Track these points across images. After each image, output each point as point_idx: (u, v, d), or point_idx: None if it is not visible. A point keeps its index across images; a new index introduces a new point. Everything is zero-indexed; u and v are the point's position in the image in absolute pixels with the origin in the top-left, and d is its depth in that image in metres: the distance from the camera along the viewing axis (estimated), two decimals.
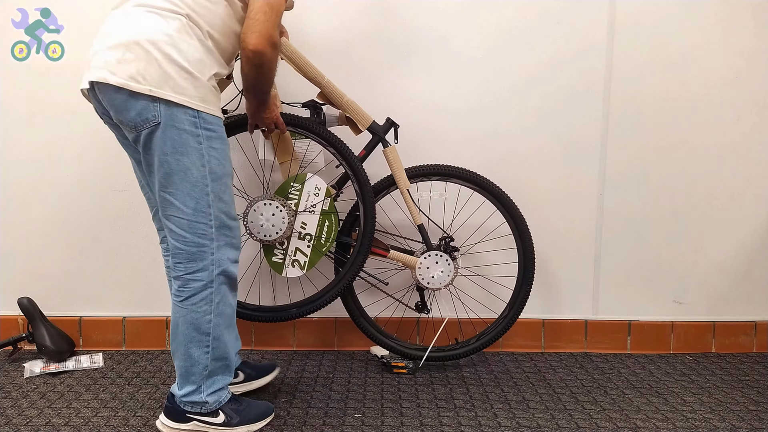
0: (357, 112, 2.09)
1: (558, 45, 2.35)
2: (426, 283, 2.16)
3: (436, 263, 2.14)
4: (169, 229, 1.62)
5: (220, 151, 1.61)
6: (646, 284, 2.47)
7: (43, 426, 1.80)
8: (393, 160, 2.11)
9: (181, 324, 1.65)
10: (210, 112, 1.58)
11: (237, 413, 1.74)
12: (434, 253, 2.14)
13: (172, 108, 1.52)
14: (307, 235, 2.06)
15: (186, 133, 1.54)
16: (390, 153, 2.11)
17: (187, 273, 1.63)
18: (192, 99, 1.54)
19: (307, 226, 2.06)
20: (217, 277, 1.64)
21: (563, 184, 2.42)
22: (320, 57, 2.26)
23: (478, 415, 1.90)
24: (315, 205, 2.05)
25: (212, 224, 1.62)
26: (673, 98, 2.39)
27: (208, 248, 1.62)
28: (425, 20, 2.32)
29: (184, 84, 1.52)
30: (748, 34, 2.37)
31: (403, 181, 2.12)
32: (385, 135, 2.13)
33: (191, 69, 1.53)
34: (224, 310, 1.67)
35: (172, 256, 1.64)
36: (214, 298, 1.64)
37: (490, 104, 2.37)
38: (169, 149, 1.54)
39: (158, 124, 1.52)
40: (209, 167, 1.58)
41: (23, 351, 2.37)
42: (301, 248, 2.07)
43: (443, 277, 2.15)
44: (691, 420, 1.89)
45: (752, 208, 2.45)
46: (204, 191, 1.59)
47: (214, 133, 1.59)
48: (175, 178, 1.56)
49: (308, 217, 2.06)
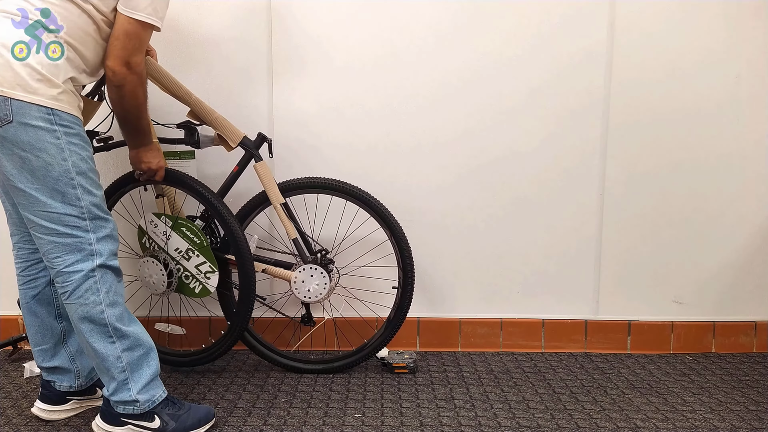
0: (227, 128, 2.08)
1: (559, 48, 2.35)
2: (302, 296, 2.14)
3: (311, 276, 2.12)
4: (40, 226, 1.60)
5: (81, 147, 1.61)
6: (646, 284, 2.47)
7: (42, 426, 1.79)
8: (263, 175, 2.10)
9: (75, 320, 1.64)
10: (66, 111, 1.58)
11: (174, 418, 1.71)
12: (309, 267, 2.12)
13: (24, 107, 1.52)
14: (188, 251, 2.07)
15: (41, 129, 1.54)
16: (260, 168, 2.10)
17: (66, 266, 1.60)
18: (44, 98, 1.54)
19: (179, 247, 2.08)
20: (99, 268, 1.63)
21: (563, 185, 2.42)
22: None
23: (478, 415, 1.90)
24: (164, 231, 2.07)
25: (85, 216, 1.61)
26: (673, 99, 2.39)
27: (85, 239, 1.61)
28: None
29: (36, 85, 1.53)
30: (748, 34, 2.37)
31: (275, 196, 2.11)
32: (257, 150, 2.12)
33: (44, 71, 1.54)
34: (116, 299, 1.66)
35: (48, 252, 1.61)
36: (100, 287, 1.62)
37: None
38: (26, 146, 1.54)
39: (11, 122, 1.52)
40: (72, 161, 1.58)
41: (23, 351, 2.37)
42: (196, 263, 2.08)
43: (319, 289, 2.13)
44: (691, 420, 1.89)
45: (752, 209, 2.45)
46: (70, 184, 1.58)
47: (72, 130, 1.59)
48: (38, 173, 1.56)
49: (172, 241, 2.07)
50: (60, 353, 1.82)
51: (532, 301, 2.47)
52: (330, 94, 2.36)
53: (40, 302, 1.79)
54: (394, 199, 2.36)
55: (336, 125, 2.38)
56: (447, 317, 2.47)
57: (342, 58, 2.35)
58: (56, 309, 1.81)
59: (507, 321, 2.47)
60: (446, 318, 2.47)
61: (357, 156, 2.39)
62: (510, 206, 2.42)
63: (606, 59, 2.36)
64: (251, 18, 2.32)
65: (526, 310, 2.47)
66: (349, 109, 2.37)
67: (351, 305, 2.42)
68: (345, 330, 2.43)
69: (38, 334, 1.81)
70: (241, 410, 1.91)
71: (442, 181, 2.41)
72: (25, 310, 1.80)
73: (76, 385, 1.85)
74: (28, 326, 1.81)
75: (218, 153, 2.27)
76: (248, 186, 2.26)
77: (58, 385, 1.83)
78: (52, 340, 1.81)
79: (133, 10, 1.63)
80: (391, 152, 2.39)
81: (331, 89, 2.36)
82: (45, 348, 1.81)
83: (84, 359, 1.85)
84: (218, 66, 2.33)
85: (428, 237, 2.43)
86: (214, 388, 2.07)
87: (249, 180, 2.22)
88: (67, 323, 1.83)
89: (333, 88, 2.36)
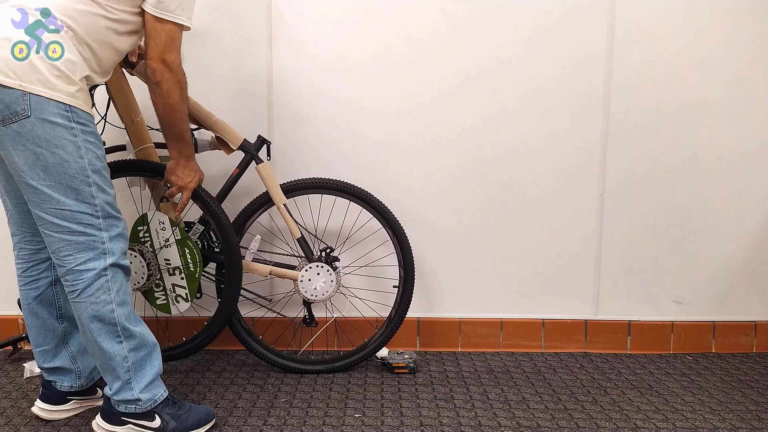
0: (227, 131, 2.08)
1: (560, 47, 2.35)
2: (309, 295, 2.14)
3: (318, 275, 2.13)
4: (51, 224, 1.58)
5: (95, 146, 1.61)
6: (646, 284, 2.47)
7: (42, 426, 1.80)
8: (266, 177, 2.11)
9: (84, 319, 1.63)
10: (83, 108, 1.58)
11: (174, 418, 1.71)
12: (315, 265, 2.13)
13: (43, 102, 1.52)
14: (176, 269, 2.06)
15: (59, 126, 1.54)
16: (263, 169, 2.11)
17: (78, 264, 1.60)
18: (63, 94, 1.54)
19: (171, 261, 2.05)
20: (111, 267, 1.63)
21: (563, 185, 2.42)
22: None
23: (478, 415, 1.90)
24: (167, 239, 2.04)
25: (99, 214, 1.60)
26: (673, 99, 2.39)
27: (98, 238, 1.61)
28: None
29: (55, 81, 1.53)
30: (748, 34, 2.37)
31: (279, 197, 2.12)
32: (257, 152, 2.13)
33: (62, 68, 1.54)
34: (125, 299, 1.66)
35: (58, 250, 1.60)
36: (111, 286, 1.62)
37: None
38: (43, 142, 1.53)
39: (28, 117, 1.52)
40: (87, 159, 1.58)
41: (23, 351, 2.37)
42: (176, 283, 2.06)
43: (326, 287, 2.14)
44: (691, 420, 1.89)
45: (752, 208, 2.45)
46: (86, 182, 1.58)
47: (88, 128, 1.59)
48: (52, 170, 1.55)
49: (168, 252, 2.05)
50: (61, 354, 1.82)
51: (532, 301, 2.47)
52: (332, 93, 2.36)
53: (41, 303, 1.79)
54: (395, 198, 2.36)
55: (335, 125, 2.38)
56: (447, 317, 2.47)
57: (343, 58, 2.35)
58: (58, 310, 1.81)
59: (507, 321, 2.47)
60: (446, 318, 2.47)
61: (359, 156, 2.40)
62: (510, 206, 2.42)
63: (606, 61, 2.36)
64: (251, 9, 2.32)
65: (526, 310, 2.47)
66: (350, 108, 2.37)
67: (353, 305, 2.42)
68: (346, 329, 2.44)
69: (39, 335, 1.80)
70: (241, 410, 1.91)
71: (442, 181, 2.41)
72: (26, 311, 1.80)
73: (77, 386, 1.85)
74: (29, 327, 1.81)
75: (215, 155, 2.27)
76: (249, 186, 2.26)
77: (59, 385, 1.83)
78: (54, 341, 1.81)
79: (163, 11, 1.64)
80: (393, 152, 2.39)
81: (334, 88, 2.36)
82: (46, 349, 1.81)
83: (85, 359, 1.85)
84: (218, 62, 2.34)
85: (429, 237, 2.43)
86: (214, 388, 2.07)
87: (250, 181, 2.23)
88: (69, 324, 1.83)
89: (335, 88, 2.36)
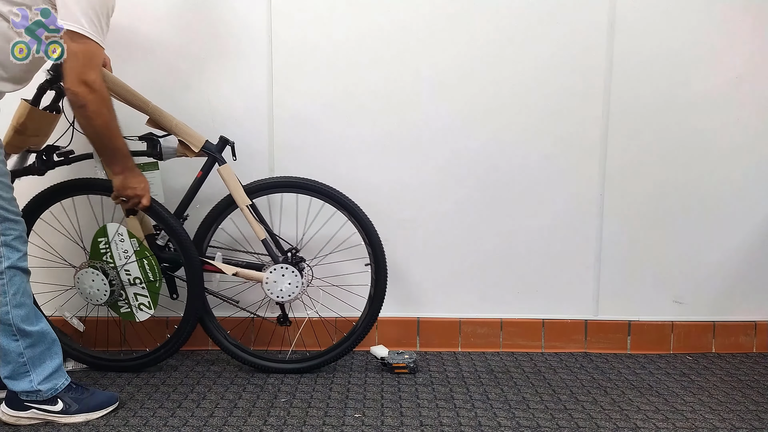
0: (188, 133, 2.07)
1: (558, 43, 2.35)
2: (275, 296, 2.13)
3: (283, 276, 2.12)
4: None
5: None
6: (646, 284, 2.47)
7: (42, 426, 1.79)
8: (228, 178, 2.09)
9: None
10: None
11: (76, 401, 1.77)
12: (280, 266, 2.12)
13: None
14: (136, 279, 2.08)
15: None
16: (224, 171, 2.09)
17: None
18: None
19: (131, 272, 2.07)
20: (8, 270, 1.65)
21: (563, 184, 2.41)
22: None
23: (478, 415, 1.90)
24: (127, 251, 2.06)
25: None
26: (673, 99, 2.39)
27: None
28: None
29: None
30: (748, 34, 2.37)
31: (241, 198, 2.09)
32: (220, 153, 2.11)
33: None
34: (23, 300, 1.68)
35: None
36: (7, 290, 1.65)
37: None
38: None
39: None
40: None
41: None
42: (138, 293, 2.09)
43: (291, 288, 2.13)
44: (691, 420, 1.89)
45: (752, 208, 2.45)
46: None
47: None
48: None
49: (128, 263, 2.07)
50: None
51: (532, 301, 2.47)
52: (324, 91, 2.36)
53: None
54: (394, 198, 2.37)
55: (332, 122, 2.37)
56: (447, 317, 2.47)
57: (333, 55, 2.34)
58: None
59: (507, 321, 2.47)
60: (446, 318, 2.47)
61: (351, 154, 2.38)
62: (510, 206, 2.42)
63: (606, 61, 2.36)
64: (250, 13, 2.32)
65: (526, 310, 2.47)
66: (341, 104, 2.37)
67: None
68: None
69: None
70: (241, 410, 1.91)
71: (441, 180, 2.40)
72: None
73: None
74: None
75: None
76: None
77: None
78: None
79: (73, 23, 1.62)
80: (390, 150, 2.39)
81: (323, 86, 2.35)
82: None
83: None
84: (216, 57, 2.34)
85: (428, 237, 2.43)
86: (214, 388, 2.07)
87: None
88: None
89: (324, 85, 2.35)
